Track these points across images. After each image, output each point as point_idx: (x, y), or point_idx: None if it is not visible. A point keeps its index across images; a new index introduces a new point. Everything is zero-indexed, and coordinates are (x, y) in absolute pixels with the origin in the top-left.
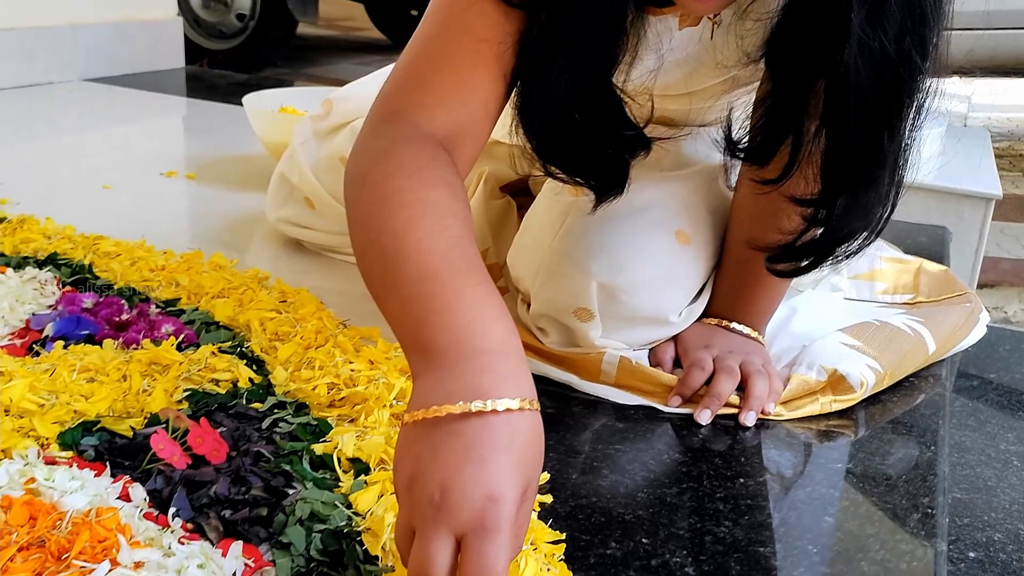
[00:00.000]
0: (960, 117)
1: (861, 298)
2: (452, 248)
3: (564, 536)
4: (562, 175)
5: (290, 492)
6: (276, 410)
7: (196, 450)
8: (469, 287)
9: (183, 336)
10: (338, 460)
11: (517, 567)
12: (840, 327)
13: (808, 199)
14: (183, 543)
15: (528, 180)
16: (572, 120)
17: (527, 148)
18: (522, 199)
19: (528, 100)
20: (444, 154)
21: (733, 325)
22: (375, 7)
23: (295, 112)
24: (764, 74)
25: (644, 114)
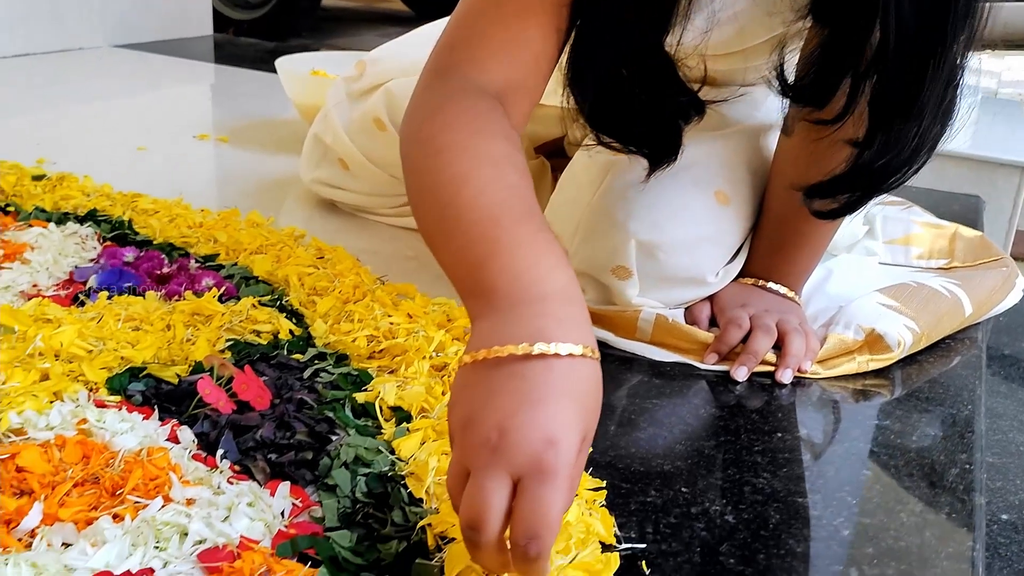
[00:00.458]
0: (991, 93)
1: (896, 263)
2: (512, 196)
3: (604, 484)
4: (615, 144)
5: (333, 438)
6: (317, 361)
7: (241, 396)
8: (530, 233)
9: (224, 289)
10: (379, 408)
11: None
12: (877, 288)
13: (858, 139)
14: (232, 483)
15: (563, 141)
16: (624, 85)
17: (579, 117)
18: (556, 160)
19: (579, 66)
20: (499, 107)
21: (770, 285)
22: None
23: (326, 76)
24: (813, 23)
25: (696, 77)
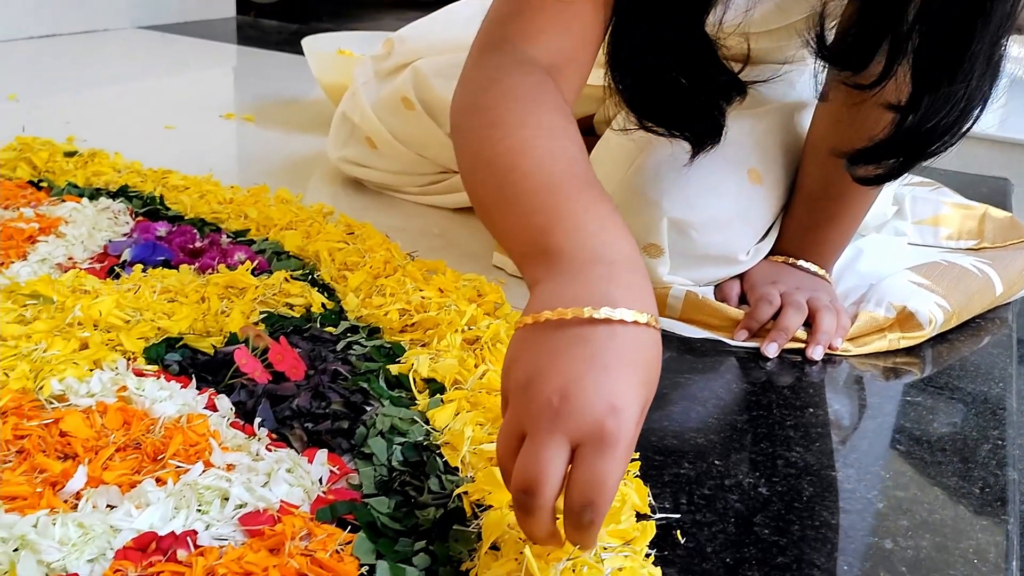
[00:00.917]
0: (1020, 75)
1: (925, 243)
2: (573, 165)
3: (638, 455)
4: (657, 128)
5: (368, 409)
6: (349, 334)
7: (276, 367)
8: (593, 201)
9: (256, 263)
10: (413, 380)
11: None
12: (907, 266)
13: (900, 103)
14: (271, 450)
15: (593, 120)
16: (664, 68)
17: (620, 102)
18: (586, 139)
19: (619, 49)
20: (551, 80)
21: (800, 263)
22: None
23: (352, 55)
24: None
25: (738, 56)
